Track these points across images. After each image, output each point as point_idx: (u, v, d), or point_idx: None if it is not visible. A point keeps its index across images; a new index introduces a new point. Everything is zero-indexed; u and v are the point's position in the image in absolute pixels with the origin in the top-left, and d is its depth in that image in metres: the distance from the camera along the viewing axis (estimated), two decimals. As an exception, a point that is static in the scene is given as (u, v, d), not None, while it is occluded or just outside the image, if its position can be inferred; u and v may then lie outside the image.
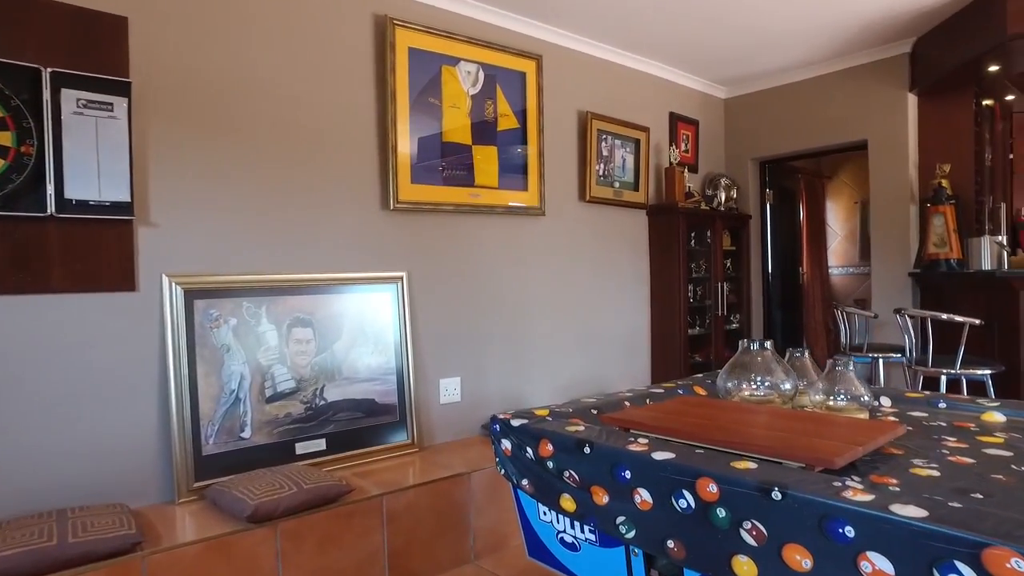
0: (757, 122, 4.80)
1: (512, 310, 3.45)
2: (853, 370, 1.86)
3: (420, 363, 3.04)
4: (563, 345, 3.73)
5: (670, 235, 4.21)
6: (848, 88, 4.25)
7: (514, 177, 3.43)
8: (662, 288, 4.28)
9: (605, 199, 3.96)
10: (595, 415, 1.94)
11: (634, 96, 4.24)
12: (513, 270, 3.47)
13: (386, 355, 2.88)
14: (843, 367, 1.87)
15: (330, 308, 2.72)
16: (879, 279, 4.17)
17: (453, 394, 3.17)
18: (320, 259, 2.74)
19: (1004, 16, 3.16)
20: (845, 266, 6.11)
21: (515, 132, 3.43)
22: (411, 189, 2.97)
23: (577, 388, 3.80)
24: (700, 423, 1.61)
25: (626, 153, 4.12)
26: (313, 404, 2.63)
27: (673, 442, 1.51)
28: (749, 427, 1.56)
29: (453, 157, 3.15)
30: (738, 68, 4.48)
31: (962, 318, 2.94)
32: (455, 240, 3.21)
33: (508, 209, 3.39)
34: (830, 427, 1.52)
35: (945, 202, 3.71)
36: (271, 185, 2.60)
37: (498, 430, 1.83)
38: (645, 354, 4.29)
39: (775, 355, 2.00)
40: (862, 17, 3.67)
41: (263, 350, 2.52)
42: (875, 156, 4.15)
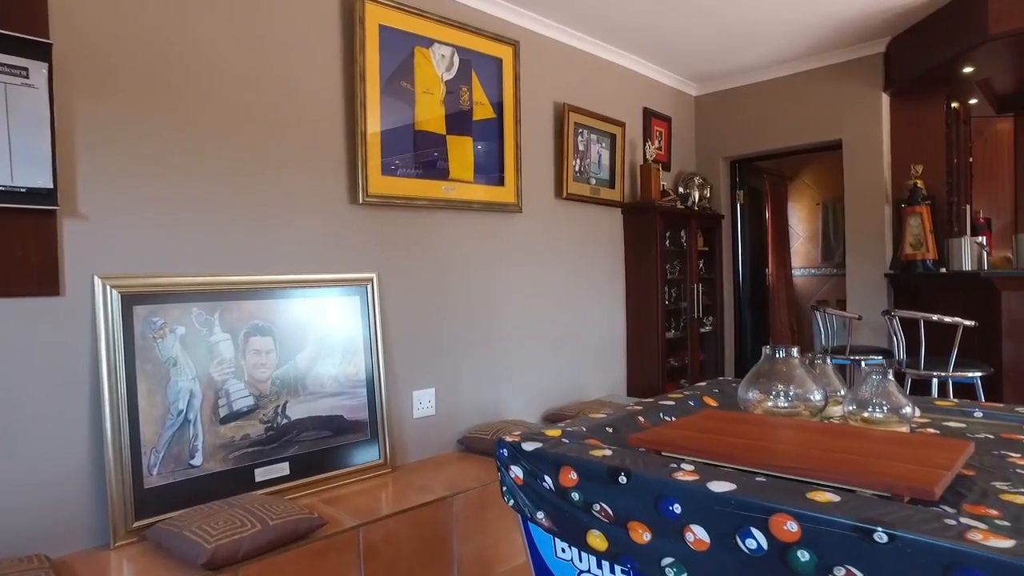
0: (729, 120, 4.71)
1: (488, 315, 3.21)
2: (890, 380, 1.70)
3: (392, 374, 2.75)
4: (539, 351, 3.51)
5: (647, 235, 4.05)
6: (822, 87, 4.21)
7: (490, 171, 3.19)
8: (638, 290, 4.11)
9: (582, 196, 3.77)
10: (611, 433, 1.72)
11: (610, 90, 4.06)
12: (489, 271, 3.23)
13: (355, 366, 2.58)
14: (881, 375, 1.71)
15: (293, 314, 2.41)
16: (854, 280, 4.13)
17: (427, 407, 2.90)
18: (281, 259, 2.42)
19: (986, 16, 3.13)
20: (807, 267, 6.14)
21: (491, 122, 3.19)
22: (382, 182, 2.69)
23: (554, 397, 3.59)
24: (746, 443, 1.41)
25: (602, 149, 3.94)
26: (274, 423, 2.31)
27: (723, 468, 1.30)
28: (805, 448, 1.36)
29: (426, 148, 2.88)
30: (711, 64, 4.37)
31: (954, 320, 2.88)
32: (428, 238, 2.94)
33: (484, 205, 3.15)
34: (895, 446, 1.35)
35: (921, 203, 3.69)
36: (224, 174, 2.27)
37: (506, 455, 1.58)
38: (620, 359, 4.12)
39: (803, 363, 1.83)
40: (837, 16, 3.61)
41: (216, 363, 2.19)
42: (850, 156, 4.12)
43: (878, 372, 1.71)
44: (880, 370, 1.70)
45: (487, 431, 2.95)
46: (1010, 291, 3.09)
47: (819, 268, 6.07)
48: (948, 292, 3.50)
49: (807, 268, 6.13)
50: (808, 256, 6.13)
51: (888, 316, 3.11)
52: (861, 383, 1.73)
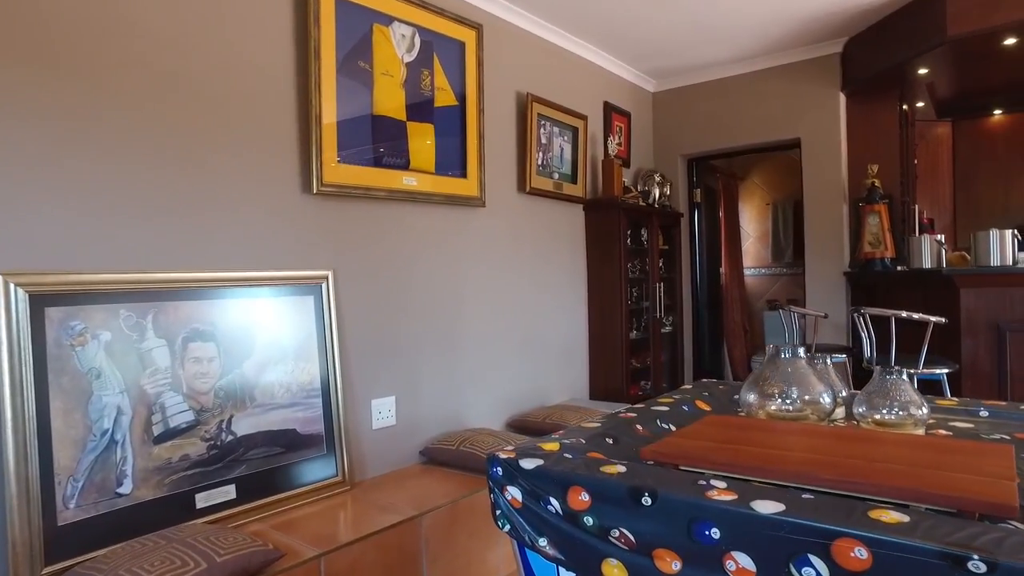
0: (687, 118, 4.67)
1: (450, 316, 3.00)
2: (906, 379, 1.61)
3: (349, 382, 2.50)
4: (502, 354, 3.32)
5: (610, 232, 3.93)
6: (781, 86, 4.21)
7: (452, 162, 2.98)
8: (601, 289, 3.99)
9: (545, 191, 3.61)
10: (612, 444, 1.55)
11: (572, 82, 3.92)
12: (451, 269, 3.02)
13: (309, 374, 2.32)
14: (895, 376, 1.61)
15: (238, 316, 2.13)
16: (814, 279, 4.14)
17: (387, 417, 2.66)
18: (225, 254, 2.14)
19: (944, 18, 3.16)
20: (757, 267, 6.20)
21: (453, 110, 2.98)
22: (338, 170, 2.44)
23: (517, 402, 3.41)
24: (773, 453, 1.26)
25: (564, 142, 3.80)
26: (218, 441, 2.03)
27: (759, 484, 1.15)
28: (841, 457, 1.23)
29: (386, 134, 2.65)
30: (669, 60, 4.31)
31: (923, 316, 2.87)
32: (388, 233, 2.70)
33: (446, 199, 2.93)
34: (937, 453, 1.23)
35: (879, 201, 3.72)
36: (158, 155, 1.98)
37: (500, 475, 1.39)
38: (583, 361, 3.98)
39: (810, 363, 1.72)
40: (796, 14, 3.59)
41: (149, 373, 1.89)
42: (808, 155, 4.13)
43: (891, 371, 1.61)
44: (894, 370, 1.61)
45: (451, 441, 2.74)
46: (968, 288, 3.13)
47: (769, 268, 6.14)
48: (907, 290, 3.53)
49: (757, 267, 6.20)
50: (758, 256, 6.20)
51: (857, 314, 3.09)
52: (872, 383, 1.63)
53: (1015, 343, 3.06)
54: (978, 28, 3.10)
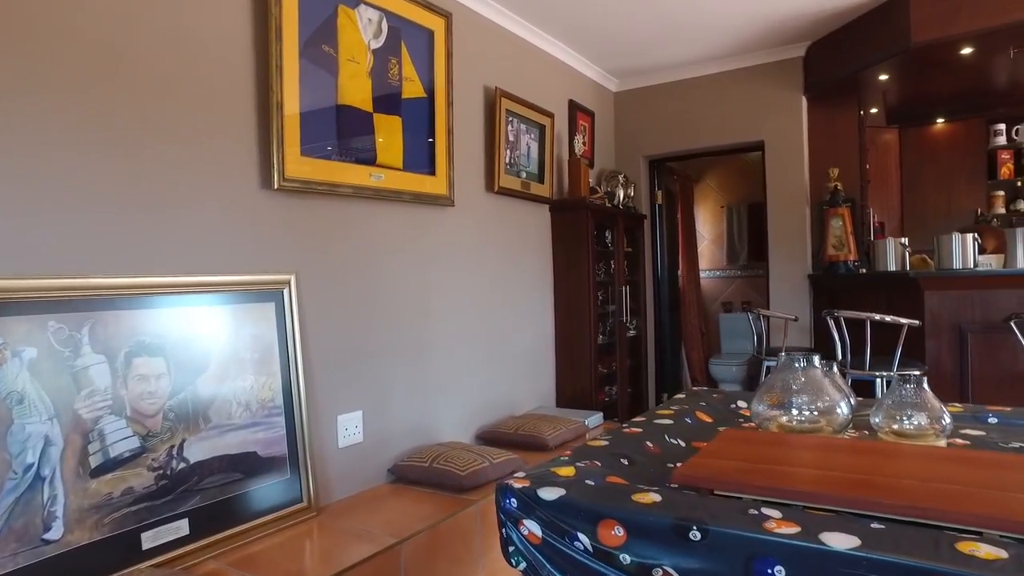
0: (649, 118, 4.62)
1: (419, 323, 2.80)
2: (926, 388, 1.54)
3: (314, 397, 2.28)
4: (471, 362, 3.15)
5: (577, 234, 3.82)
6: (744, 88, 4.21)
7: (420, 158, 2.79)
8: (568, 293, 3.87)
9: (513, 191, 3.46)
10: (628, 466, 1.42)
11: (538, 78, 3.80)
12: (420, 273, 2.82)
13: (271, 389, 2.09)
14: (915, 384, 1.54)
15: (191, 327, 1.88)
16: (777, 281, 4.16)
17: (354, 434, 2.45)
18: (176, 256, 1.89)
19: (908, 25, 3.21)
20: (712, 269, 6.25)
21: (421, 103, 2.79)
22: (301, 163, 2.22)
23: (486, 413, 3.24)
24: (820, 475, 1.16)
25: (531, 140, 3.66)
26: (168, 469, 1.77)
27: (817, 512, 1.03)
28: (896, 478, 1.13)
29: (352, 126, 2.44)
30: (633, 59, 4.24)
31: (894, 319, 2.89)
32: (354, 234, 2.49)
33: (415, 197, 2.74)
34: (995, 470, 1.15)
35: (842, 204, 3.76)
36: (97, 142, 1.72)
37: (515, 507, 1.23)
38: (549, 367, 3.85)
39: (826, 372, 1.63)
40: (760, 17, 3.59)
41: (86, 396, 1.63)
42: (772, 158, 4.14)
43: (912, 380, 1.54)
44: (913, 378, 1.54)
45: (423, 457, 2.55)
46: (932, 291, 3.18)
47: (724, 270, 6.20)
48: (870, 292, 3.57)
49: (712, 270, 6.24)
50: (713, 258, 6.25)
51: (830, 316, 3.08)
52: (892, 392, 1.55)
53: (976, 344, 3.13)
54: (940, 36, 3.15)
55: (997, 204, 4.72)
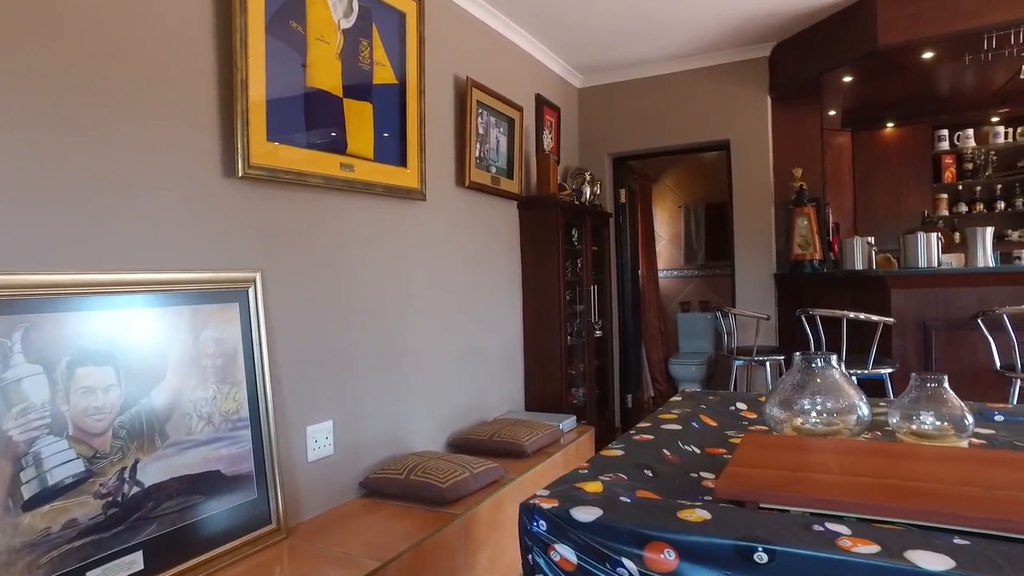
0: (613, 115, 4.56)
1: (390, 323, 2.62)
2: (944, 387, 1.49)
3: (282, 407, 2.07)
4: (444, 365, 2.99)
5: (547, 231, 3.71)
6: (711, 87, 4.21)
7: (391, 149, 2.61)
8: (537, 293, 3.76)
9: (484, 186, 3.32)
10: (653, 478, 1.31)
11: (507, 70, 3.67)
12: (391, 271, 2.64)
13: (236, 400, 1.87)
14: (935, 383, 1.49)
15: (145, 331, 1.66)
16: (743, 280, 4.17)
17: (324, 446, 2.25)
18: (127, 250, 1.66)
19: (875, 27, 3.25)
20: (669, 269, 6.27)
21: (392, 90, 2.61)
22: (267, 149, 2.01)
23: (458, 419, 3.09)
24: (874, 483, 1.07)
25: (500, 134, 3.53)
26: (119, 496, 1.55)
27: (887, 525, 0.94)
28: (959, 485, 1.06)
29: (321, 111, 2.24)
30: (599, 54, 4.17)
31: (867, 316, 2.90)
32: (324, 228, 2.29)
33: (387, 190, 2.56)
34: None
35: (807, 204, 3.80)
36: (32, 115, 1.47)
37: (544, 530, 1.09)
38: (518, 370, 3.72)
39: (843, 373, 1.57)
40: (729, 16, 3.58)
41: (17, 413, 1.38)
42: (738, 157, 4.15)
43: (933, 379, 1.49)
44: (933, 377, 1.49)
45: (397, 469, 2.38)
46: (899, 289, 3.23)
47: (681, 270, 6.23)
48: (836, 291, 3.61)
49: (669, 270, 6.27)
50: (671, 258, 6.28)
51: (804, 315, 3.08)
52: (911, 391, 1.50)
53: (939, 340, 3.20)
54: (905, 39, 3.21)
55: (941, 206, 4.91)
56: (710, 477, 1.31)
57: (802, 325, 3.18)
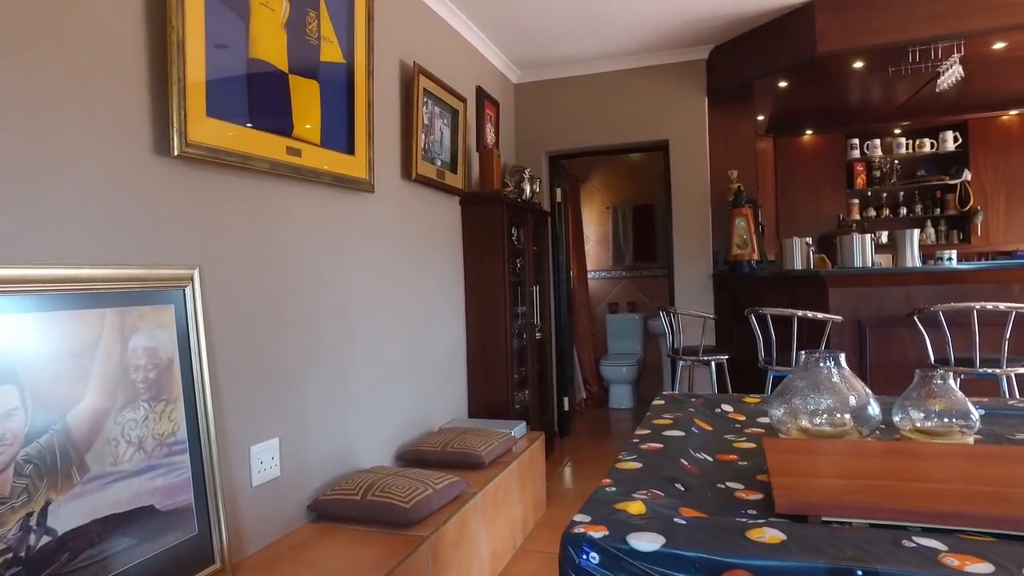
0: (551, 113, 4.48)
1: (337, 326, 2.37)
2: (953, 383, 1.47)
3: (224, 424, 1.78)
4: (391, 372, 2.75)
5: (492, 229, 3.55)
6: (650, 87, 4.21)
7: (338, 134, 2.36)
8: (481, 293, 3.59)
9: (430, 179, 3.11)
10: (686, 492, 1.19)
11: (451, 60, 3.48)
12: (338, 268, 2.39)
13: (172, 419, 1.57)
14: (942, 380, 1.47)
15: (57, 340, 1.34)
16: (682, 281, 4.19)
17: (270, 467, 1.97)
18: (33, 239, 1.34)
19: (814, 35, 3.35)
20: (597, 270, 6.28)
21: (339, 69, 2.36)
22: (207, 126, 1.72)
23: (404, 430, 2.87)
24: (942, 489, 1.00)
25: (444, 125, 3.33)
26: (23, 550, 1.23)
27: (971, 537, 0.87)
28: (1008, 486, 1.00)
29: (265, 86, 1.97)
30: (540, 50, 4.07)
31: (815, 314, 2.97)
32: (268, 219, 2.01)
33: (335, 179, 2.31)
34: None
35: (745, 205, 3.87)
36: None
37: (594, 563, 0.94)
38: (462, 376, 3.54)
39: (852, 371, 1.52)
40: (671, 17, 3.59)
41: None
42: (676, 158, 4.18)
43: (940, 375, 1.47)
44: (940, 373, 1.47)
45: (350, 489, 2.14)
46: (836, 288, 3.34)
47: (609, 271, 6.26)
48: (773, 290, 3.70)
49: (597, 271, 6.28)
50: (598, 259, 6.29)
51: (754, 314, 3.11)
52: (916, 387, 1.48)
53: (873, 338, 3.33)
54: (841, 48, 3.33)
55: (854, 211, 5.21)
56: (739, 487, 1.21)
57: (750, 324, 3.21)
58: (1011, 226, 4.90)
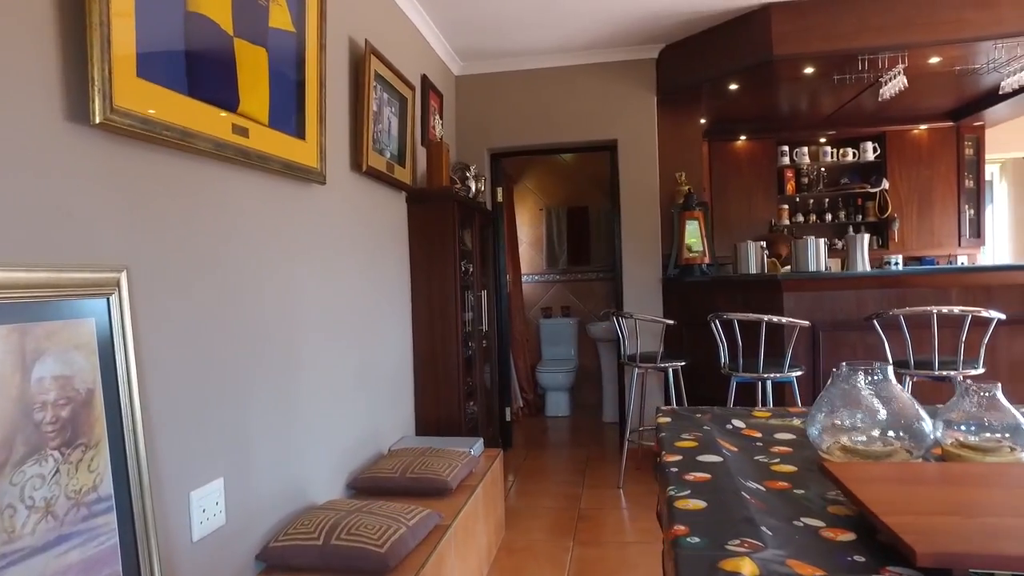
0: (495, 108, 4.25)
1: (285, 340, 2.01)
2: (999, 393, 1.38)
3: (159, 467, 1.41)
4: (339, 389, 2.42)
5: (442, 229, 3.27)
6: (599, 84, 4.08)
7: (288, 114, 2.01)
8: (430, 299, 3.29)
9: (380, 172, 2.79)
10: (771, 535, 1.00)
11: (399, 44, 3.17)
12: (285, 272, 2.04)
13: (93, 470, 1.20)
14: (988, 391, 1.37)
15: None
16: (631, 285, 4.09)
17: (215, 515, 1.61)
18: None
19: (770, 38, 3.34)
20: (530, 274, 6.11)
21: (289, 39, 2.02)
22: (138, 90, 1.35)
23: (357, 453, 2.55)
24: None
25: (392, 114, 3.02)
26: None
27: None
28: None
29: (206, 49, 1.61)
30: (487, 40, 3.84)
31: (779, 319, 2.92)
32: (211, 211, 1.64)
33: (285, 166, 1.96)
34: None
35: (696, 208, 3.82)
36: None
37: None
38: (408, 389, 3.23)
39: (897, 385, 1.40)
40: (615, 13, 3.47)
41: None
42: (625, 158, 4.07)
43: (984, 387, 1.38)
44: (985, 386, 1.37)
45: (310, 531, 1.81)
46: (791, 292, 3.33)
47: (542, 274, 6.10)
48: (724, 294, 3.66)
49: (530, 274, 6.11)
50: (532, 262, 6.12)
51: (715, 319, 3.03)
52: (960, 399, 1.37)
53: (826, 342, 3.35)
54: (797, 52, 3.34)
55: (784, 216, 5.35)
56: (818, 524, 1.04)
57: (711, 330, 3.13)
58: (922, 233, 5.21)
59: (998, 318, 2.79)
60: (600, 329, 5.19)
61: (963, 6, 3.23)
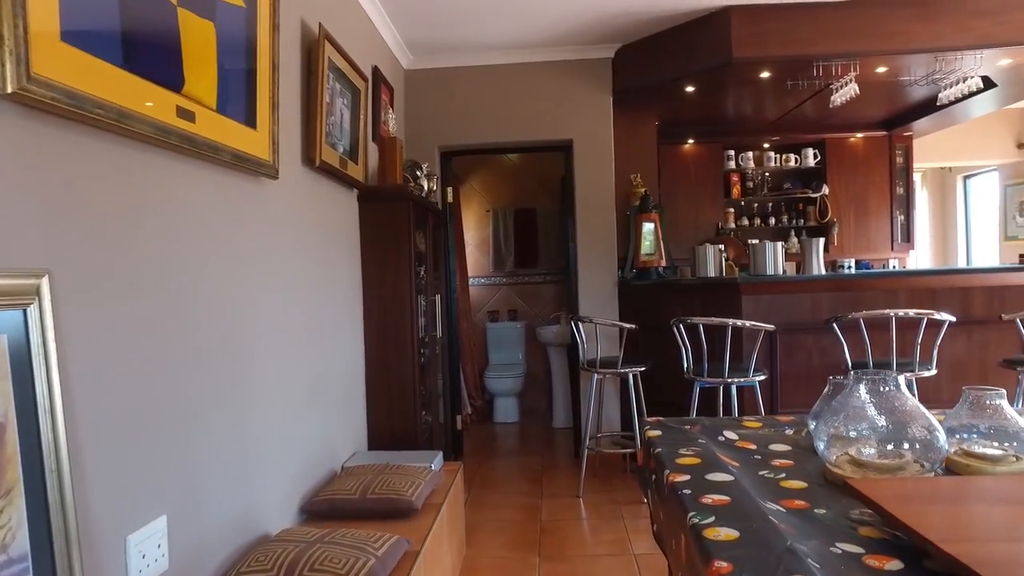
0: (445, 104, 4.09)
1: (231, 349, 1.79)
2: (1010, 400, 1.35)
3: (88, 512, 1.18)
4: (291, 403, 2.19)
5: (397, 230, 3.08)
6: (554, 83, 3.98)
7: (237, 98, 1.79)
8: (383, 305, 3.09)
9: (333, 168, 2.58)
10: (820, 567, 0.92)
11: (351, 33, 2.96)
12: (235, 277, 1.81)
13: (5, 523, 0.97)
14: (992, 399, 1.34)
15: None
16: (586, 288, 4.00)
17: (157, 559, 1.38)
18: None
19: (729, 41, 3.33)
20: (476, 276, 5.95)
21: (239, 14, 1.80)
22: (62, 56, 1.12)
23: (310, 473, 2.34)
24: None
25: (344, 107, 2.80)
26: None
27: None
28: None
29: (146, 15, 1.38)
30: (439, 32, 3.68)
31: (745, 322, 2.90)
32: (153, 204, 1.41)
33: (235, 158, 1.74)
34: None
35: (652, 210, 3.78)
36: None
37: None
38: (360, 402, 3.02)
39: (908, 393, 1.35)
40: (571, 10, 3.40)
41: None
42: (580, 159, 3.98)
43: (992, 395, 1.34)
44: (991, 394, 1.34)
45: (265, 569, 1.60)
46: (749, 295, 3.34)
47: (489, 277, 5.96)
48: (681, 297, 3.64)
49: (476, 277, 5.95)
50: (478, 264, 5.97)
51: (679, 323, 2.98)
52: (963, 407, 1.34)
53: (782, 345, 3.38)
54: (756, 55, 3.35)
55: (730, 219, 5.43)
56: (858, 551, 0.98)
57: (674, 334, 3.08)
58: (858, 238, 5.41)
59: (950, 320, 2.87)
60: (550, 333, 5.10)
61: (910, 19, 3.32)
